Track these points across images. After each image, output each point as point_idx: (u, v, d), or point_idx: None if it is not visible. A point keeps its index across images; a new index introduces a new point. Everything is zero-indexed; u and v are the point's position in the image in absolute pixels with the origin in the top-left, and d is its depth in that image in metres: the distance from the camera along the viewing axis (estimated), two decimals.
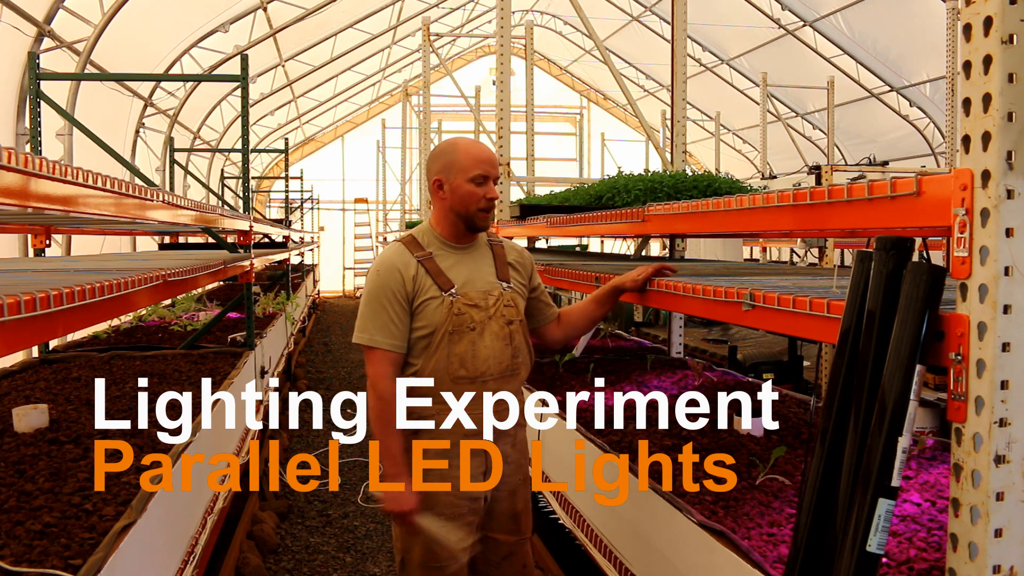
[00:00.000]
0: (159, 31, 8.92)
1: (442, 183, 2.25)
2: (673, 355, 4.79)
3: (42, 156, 1.54)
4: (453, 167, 2.23)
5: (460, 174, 2.22)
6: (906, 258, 1.42)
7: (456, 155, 2.24)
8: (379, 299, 2.18)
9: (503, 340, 2.26)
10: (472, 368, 2.20)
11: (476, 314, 2.22)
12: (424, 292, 2.20)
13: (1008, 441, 1.24)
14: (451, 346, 2.18)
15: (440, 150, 2.31)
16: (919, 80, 12.47)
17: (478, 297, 2.24)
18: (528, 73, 8.02)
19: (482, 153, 2.27)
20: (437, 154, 2.30)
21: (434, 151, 2.34)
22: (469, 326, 2.20)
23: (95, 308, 1.87)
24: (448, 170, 2.24)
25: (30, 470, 2.40)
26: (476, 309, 2.22)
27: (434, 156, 2.31)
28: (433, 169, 2.28)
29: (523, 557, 2.36)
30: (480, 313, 2.23)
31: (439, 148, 2.32)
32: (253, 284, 4.87)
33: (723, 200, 2.17)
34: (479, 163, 2.23)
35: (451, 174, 2.24)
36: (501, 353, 2.25)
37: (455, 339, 2.18)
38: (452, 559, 2.21)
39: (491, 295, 2.27)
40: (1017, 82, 1.20)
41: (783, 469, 2.52)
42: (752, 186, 4.58)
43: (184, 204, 3.05)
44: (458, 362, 2.18)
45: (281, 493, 4.99)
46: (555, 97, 19.49)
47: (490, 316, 2.24)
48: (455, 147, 2.27)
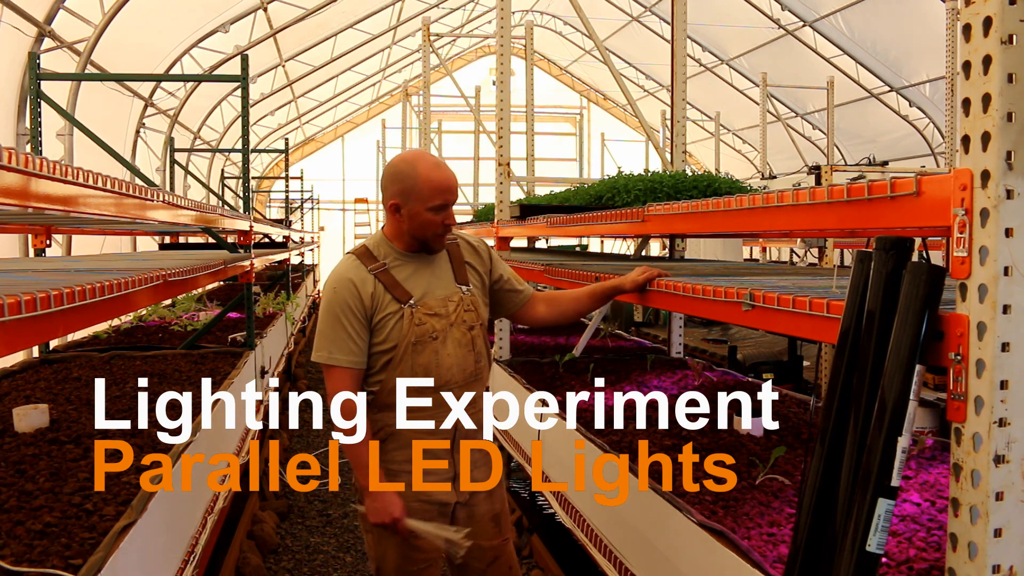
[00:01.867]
0: (159, 31, 8.92)
1: (399, 207, 2.16)
2: (673, 355, 4.79)
3: (42, 156, 1.55)
4: (412, 194, 2.14)
5: (419, 202, 2.14)
6: (906, 258, 1.42)
7: (416, 182, 2.13)
8: (336, 315, 2.13)
9: (465, 347, 2.24)
10: (437, 377, 2.17)
11: (437, 323, 2.18)
12: (383, 307, 2.15)
13: (1008, 441, 1.24)
14: (414, 357, 2.15)
15: (399, 171, 2.18)
16: (919, 80, 12.47)
17: (437, 305, 2.20)
18: (528, 73, 8.02)
19: (444, 181, 2.16)
20: (395, 175, 2.18)
21: (392, 170, 2.21)
22: (431, 335, 2.17)
23: (95, 308, 1.87)
24: (407, 196, 2.14)
25: (30, 470, 2.40)
26: (436, 318, 2.19)
27: (392, 176, 2.18)
28: (390, 191, 2.18)
29: (508, 558, 2.36)
30: (441, 321, 2.19)
31: (397, 169, 2.19)
32: (253, 284, 4.87)
33: (723, 200, 2.17)
34: (440, 192, 2.14)
35: (410, 200, 2.14)
36: (464, 360, 2.23)
37: (418, 350, 2.15)
38: (427, 562, 2.21)
39: (451, 301, 2.23)
40: (1017, 82, 1.20)
41: (783, 469, 2.52)
42: (752, 186, 4.58)
43: (184, 204, 3.05)
44: (423, 372, 2.16)
45: (281, 493, 4.99)
46: (555, 97, 19.47)
47: (451, 323, 2.21)
48: (415, 172, 2.14)
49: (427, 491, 2.20)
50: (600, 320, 4.84)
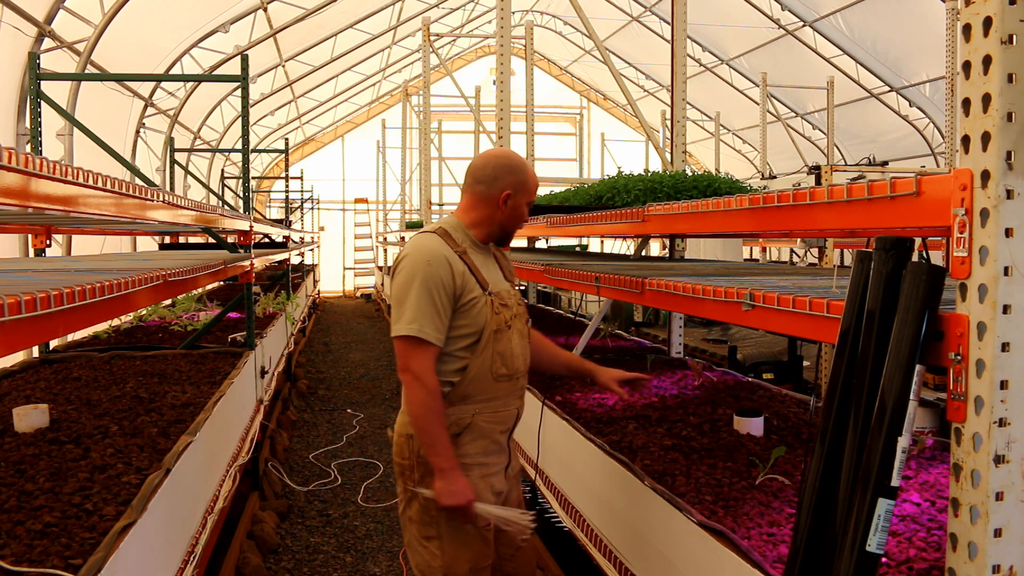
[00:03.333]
0: (159, 31, 8.92)
1: (510, 198, 2.27)
2: (673, 355, 4.79)
3: (42, 156, 1.55)
4: (523, 188, 2.28)
5: (525, 195, 2.29)
6: (906, 258, 1.42)
7: (526, 177, 2.29)
8: (429, 290, 2.10)
9: (525, 338, 2.34)
10: (511, 366, 2.25)
11: (507, 313, 2.26)
12: (470, 290, 2.18)
13: (1008, 441, 1.24)
14: (495, 345, 2.20)
15: (514, 164, 2.29)
16: (919, 80, 12.47)
17: (507, 296, 2.29)
18: (528, 73, 8.02)
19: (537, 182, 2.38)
20: (511, 168, 2.28)
21: (506, 162, 2.30)
22: (507, 324, 2.24)
23: (95, 308, 1.87)
24: (518, 188, 2.27)
25: (30, 470, 2.40)
26: (507, 308, 2.27)
27: (507, 168, 2.28)
28: (506, 182, 2.26)
29: (530, 543, 2.43)
30: (509, 312, 2.27)
31: (512, 161, 2.31)
32: (253, 284, 4.87)
33: (723, 200, 2.18)
34: (535, 191, 2.34)
35: (519, 193, 2.28)
36: (525, 350, 2.33)
37: (498, 338, 2.21)
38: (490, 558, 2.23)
39: (512, 295, 2.33)
40: (1016, 82, 1.20)
41: (783, 469, 2.52)
42: (752, 186, 4.58)
43: (184, 204, 3.05)
44: (500, 360, 2.21)
45: (281, 493, 4.99)
46: (555, 97, 19.50)
47: (515, 315, 2.30)
48: (525, 169, 2.31)
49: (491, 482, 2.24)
50: (600, 320, 4.84)
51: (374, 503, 4.85)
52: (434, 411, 2.10)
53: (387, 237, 17.17)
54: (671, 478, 2.50)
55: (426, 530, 2.20)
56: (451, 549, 2.17)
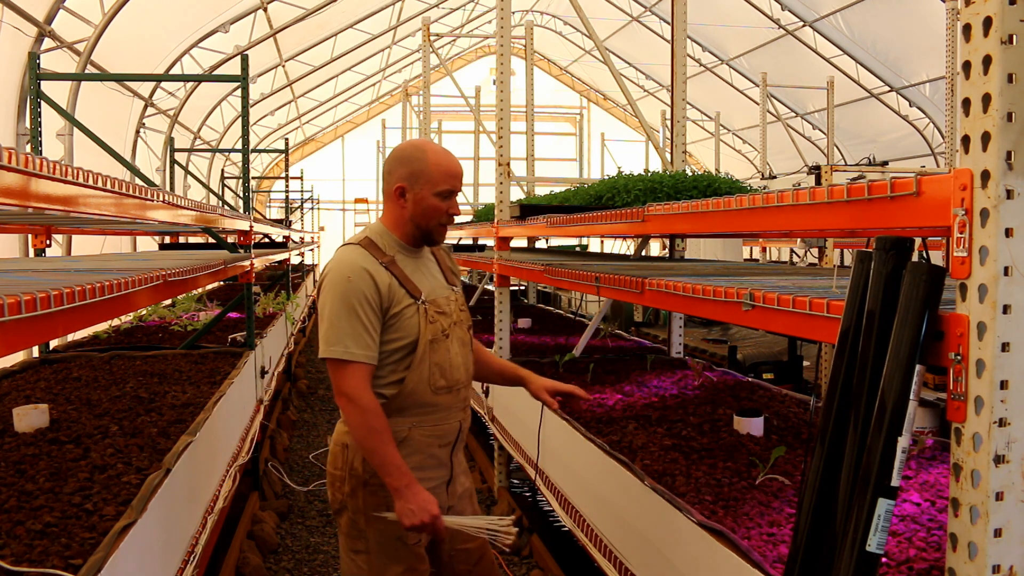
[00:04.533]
0: (159, 31, 8.92)
1: (405, 191, 2.10)
2: (673, 355, 4.79)
3: (42, 156, 1.55)
4: (421, 177, 2.08)
5: (427, 186, 2.08)
6: (906, 258, 1.42)
7: (426, 165, 2.08)
8: (352, 307, 1.99)
9: (466, 346, 2.22)
10: (450, 377, 2.13)
11: (444, 321, 2.14)
12: (398, 301, 2.05)
13: (1008, 441, 1.24)
14: (432, 356, 2.09)
15: (406, 155, 2.12)
16: (919, 80, 12.47)
17: (444, 303, 2.16)
18: (528, 73, 8.02)
19: (453, 166, 2.11)
20: (403, 158, 2.11)
21: (399, 153, 2.14)
22: (444, 333, 2.12)
23: (95, 308, 1.87)
24: (415, 179, 2.08)
25: (30, 470, 2.40)
26: (444, 316, 2.14)
27: (399, 159, 2.12)
28: (396, 174, 2.10)
29: (490, 556, 2.33)
30: (447, 320, 2.15)
31: (405, 152, 2.13)
32: (253, 284, 4.87)
33: (723, 200, 2.18)
34: (449, 177, 2.09)
35: (417, 184, 2.08)
36: (467, 359, 2.21)
37: (435, 348, 2.09)
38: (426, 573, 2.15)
39: (451, 300, 2.19)
40: (1017, 82, 1.20)
41: (783, 469, 2.52)
42: (752, 186, 4.58)
43: (184, 204, 3.05)
44: (439, 372, 2.10)
45: (281, 493, 4.99)
46: (555, 97, 19.49)
47: (454, 322, 2.18)
48: (424, 155, 2.09)
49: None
50: (600, 320, 4.84)
51: None
52: (376, 430, 1.97)
53: None
54: (671, 478, 2.50)
55: (354, 543, 2.12)
56: (378, 563, 2.08)
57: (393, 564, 2.08)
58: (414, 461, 2.07)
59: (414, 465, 2.06)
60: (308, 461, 5.76)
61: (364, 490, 2.09)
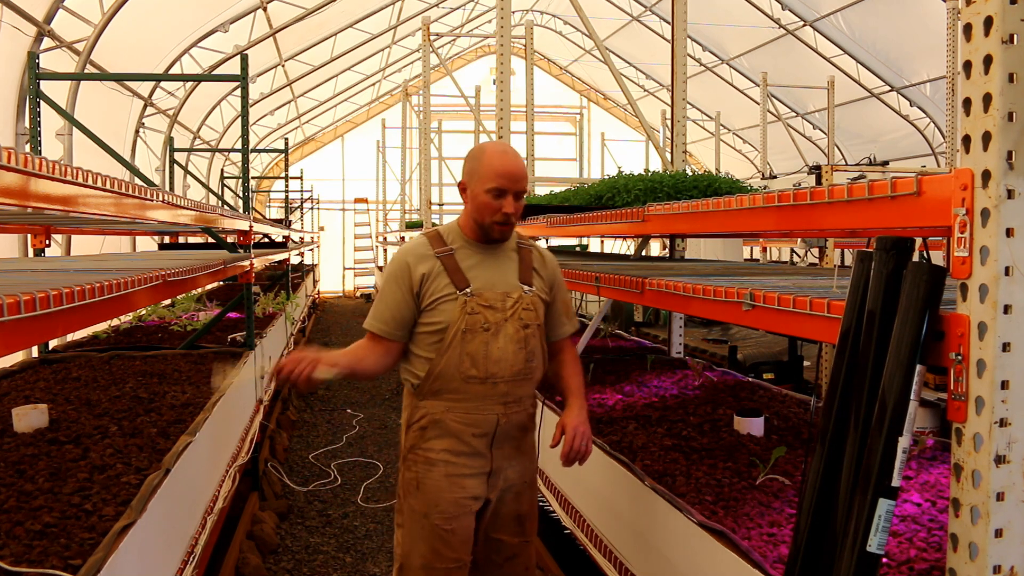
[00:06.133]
0: (159, 31, 8.92)
1: (465, 187, 2.25)
2: (673, 355, 4.79)
3: (42, 156, 1.54)
4: (476, 174, 2.21)
5: (480, 183, 2.19)
6: (906, 258, 1.42)
7: (480, 163, 2.21)
8: (391, 287, 2.22)
9: (517, 343, 2.22)
10: (483, 368, 2.18)
11: (491, 315, 2.20)
12: (437, 289, 2.19)
13: (1008, 441, 1.24)
14: (464, 345, 2.17)
15: (471, 153, 2.29)
16: (919, 80, 12.47)
17: (494, 299, 2.22)
18: (528, 73, 8.01)
19: (505, 166, 2.18)
20: (468, 156, 2.29)
21: (469, 152, 2.32)
22: (483, 326, 2.18)
23: (95, 308, 1.87)
24: (472, 176, 2.23)
25: (30, 470, 2.39)
26: (491, 310, 2.20)
27: (467, 157, 2.30)
28: (463, 171, 2.28)
29: (526, 559, 2.35)
30: (496, 315, 2.20)
31: (472, 151, 2.31)
32: (253, 284, 4.86)
33: (723, 200, 2.17)
34: (498, 176, 2.17)
35: (473, 180, 2.22)
36: (514, 356, 2.21)
37: (468, 339, 2.17)
38: (457, 563, 2.19)
39: (510, 297, 2.24)
40: (1017, 82, 1.20)
41: (783, 469, 2.52)
42: (752, 186, 4.58)
43: (184, 204, 3.05)
44: (469, 361, 2.17)
45: (281, 493, 4.99)
46: (555, 97, 19.47)
47: (506, 318, 2.21)
48: (483, 153, 2.24)
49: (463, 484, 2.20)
50: (600, 320, 4.84)
51: (374, 503, 4.84)
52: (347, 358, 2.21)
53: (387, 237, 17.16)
54: (671, 478, 2.50)
55: (397, 516, 2.30)
56: (408, 539, 2.23)
57: (419, 542, 2.20)
58: (446, 443, 2.20)
59: (445, 447, 2.20)
60: (308, 461, 5.76)
61: (403, 465, 2.26)
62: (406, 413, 2.30)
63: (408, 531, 2.22)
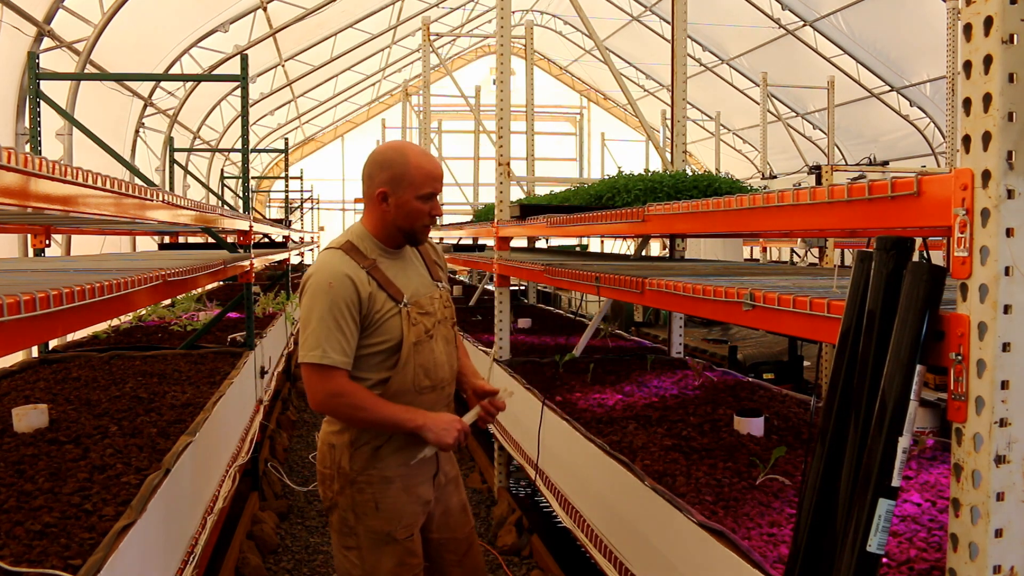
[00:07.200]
0: (159, 31, 8.92)
1: (387, 195, 2.10)
2: (673, 355, 4.79)
3: (42, 156, 1.54)
4: (403, 181, 2.09)
5: (409, 190, 2.09)
6: (906, 258, 1.42)
7: (407, 169, 2.09)
8: (333, 314, 2.01)
9: (450, 343, 2.24)
10: (434, 376, 2.17)
11: (428, 321, 2.16)
12: (379, 306, 2.08)
13: (1008, 441, 1.24)
14: (416, 358, 2.12)
15: (387, 159, 2.12)
16: (919, 80, 12.47)
17: (427, 303, 2.18)
18: (528, 73, 8.02)
19: (435, 169, 2.13)
20: (384, 162, 2.12)
21: (379, 157, 2.15)
22: (428, 334, 2.15)
23: (95, 308, 1.87)
24: (396, 183, 2.09)
25: (30, 470, 2.39)
26: (427, 316, 2.17)
27: (380, 163, 2.13)
28: (378, 179, 2.11)
29: (477, 545, 2.40)
30: (431, 319, 2.17)
31: (386, 156, 2.14)
32: (253, 284, 4.86)
33: (723, 200, 2.17)
34: (431, 180, 2.11)
35: (399, 188, 2.09)
36: (451, 356, 2.24)
37: (419, 350, 2.13)
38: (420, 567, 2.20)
39: (435, 299, 2.22)
40: (1017, 82, 1.20)
41: (783, 469, 2.52)
42: (752, 186, 4.58)
43: (184, 204, 3.05)
44: (423, 373, 2.14)
45: (281, 493, 4.99)
46: (555, 97, 19.48)
47: (438, 321, 2.20)
48: (406, 159, 2.10)
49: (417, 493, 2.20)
50: (600, 320, 4.84)
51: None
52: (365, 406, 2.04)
53: None
54: (671, 478, 2.50)
55: (345, 540, 2.17)
56: (371, 558, 2.13)
57: (384, 559, 2.14)
58: (401, 458, 2.16)
59: (401, 462, 2.15)
60: (308, 461, 5.76)
61: (352, 488, 2.15)
62: (347, 436, 2.14)
63: (368, 552, 2.14)
